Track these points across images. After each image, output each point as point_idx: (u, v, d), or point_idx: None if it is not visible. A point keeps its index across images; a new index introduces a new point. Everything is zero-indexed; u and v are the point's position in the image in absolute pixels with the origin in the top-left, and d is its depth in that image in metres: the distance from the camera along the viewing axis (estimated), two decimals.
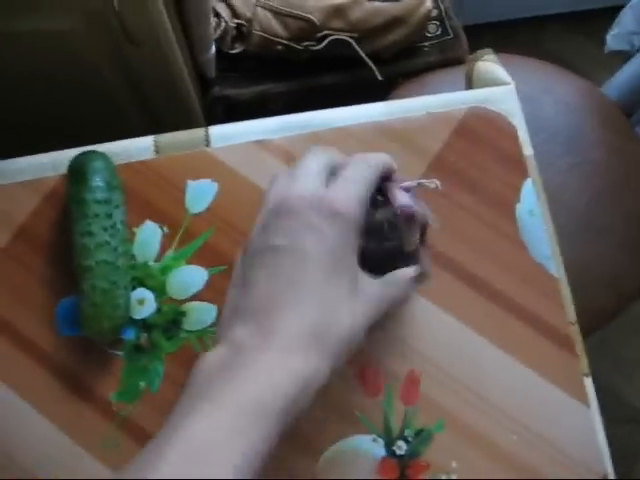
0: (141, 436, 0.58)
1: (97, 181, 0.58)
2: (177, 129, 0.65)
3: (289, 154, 0.63)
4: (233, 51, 0.99)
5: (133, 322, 0.60)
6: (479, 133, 0.65)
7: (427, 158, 0.64)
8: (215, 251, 0.61)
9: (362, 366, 0.59)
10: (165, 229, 0.62)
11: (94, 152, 0.60)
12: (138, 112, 0.92)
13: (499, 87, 0.66)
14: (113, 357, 0.59)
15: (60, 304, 0.61)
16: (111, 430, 0.58)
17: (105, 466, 0.57)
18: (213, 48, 0.93)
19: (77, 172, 0.59)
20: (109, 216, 0.58)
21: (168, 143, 0.64)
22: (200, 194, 0.62)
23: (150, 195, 0.62)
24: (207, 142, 0.64)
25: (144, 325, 0.60)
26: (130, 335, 0.59)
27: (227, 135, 0.64)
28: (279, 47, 0.99)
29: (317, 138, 0.64)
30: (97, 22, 0.75)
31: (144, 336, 0.59)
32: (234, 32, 0.98)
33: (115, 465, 0.57)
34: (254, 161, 0.63)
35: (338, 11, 0.97)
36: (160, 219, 0.62)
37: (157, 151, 0.64)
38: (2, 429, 0.58)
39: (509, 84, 0.67)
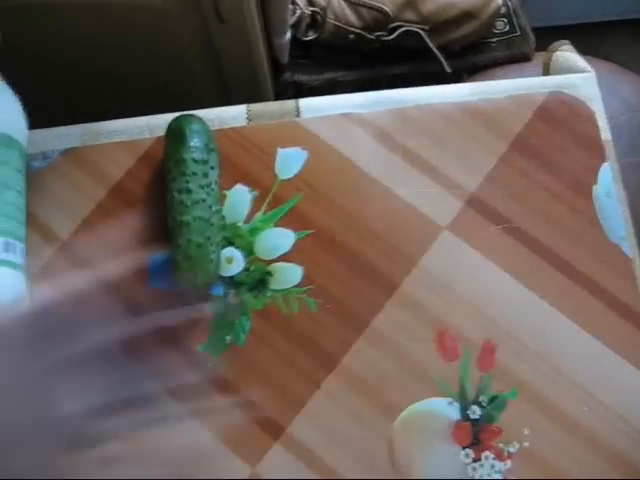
0: (223, 388, 0.60)
1: (195, 142, 0.61)
2: None
3: (377, 128, 0.66)
4: (306, 38, 1.01)
5: (222, 279, 0.62)
6: (559, 116, 0.67)
7: (509, 138, 0.66)
8: (302, 216, 0.64)
9: (441, 331, 0.61)
10: (255, 193, 0.64)
11: (193, 115, 0.63)
12: (213, 88, 0.95)
13: (579, 74, 0.68)
14: (202, 311, 0.62)
15: (152, 257, 0.63)
16: (198, 380, 0.60)
17: (189, 412, 0.59)
18: (289, 33, 0.96)
19: (177, 133, 0.62)
20: (205, 175, 0.61)
21: (260, 112, 0.67)
22: (289, 161, 0.65)
23: (241, 160, 0.65)
24: (297, 113, 0.66)
25: (232, 282, 0.62)
26: (219, 291, 0.62)
27: (317, 107, 0.67)
28: (351, 36, 1.01)
29: (404, 114, 0.66)
30: None
31: (232, 293, 0.62)
32: (308, 19, 1.01)
33: (200, 414, 0.60)
34: (343, 132, 0.66)
35: (411, 3, 1.00)
36: (250, 183, 0.65)
37: (249, 119, 0.66)
38: None
39: (589, 72, 0.69)
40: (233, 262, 0.62)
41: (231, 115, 0.67)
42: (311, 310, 0.61)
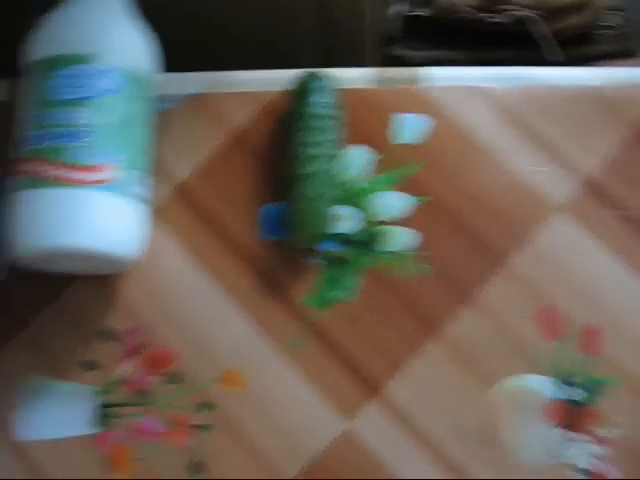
0: (327, 341, 0.61)
1: (319, 97, 0.62)
2: None
3: (502, 103, 0.66)
4: (416, 13, 1.01)
5: (335, 235, 0.63)
6: None
7: (633, 126, 0.66)
8: (421, 182, 0.64)
9: (547, 309, 0.61)
10: (375, 154, 0.65)
11: (319, 72, 0.64)
12: (316, 51, 0.95)
13: None
14: (311, 265, 0.63)
15: (265, 208, 0.64)
16: (299, 330, 0.61)
17: (290, 363, 0.61)
18: (399, 5, 0.96)
19: (303, 88, 0.63)
20: (326, 131, 0.62)
21: (387, 76, 0.67)
22: (412, 127, 0.66)
23: (364, 121, 0.66)
24: (424, 80, 0.67)
25: (345, 240, 0.63)
26: (330, 247, 0.63)
27: (444, 77, 0.67)
28: (462, 15, 1.01)
29: (530, 92, 0.66)
30: None
31: (344, 249, 0.63)
32: None
33: (298, 365, 0.61)
34: (467, 104, 0.66)
35: None
36: (371, 144, 0.65)
37: (377, 82, 0.67)
38: (200, 315, 0.62)
39: None
40: (348, 220, 0.63)
41: (359, 76, 0.67)
42: (420, 275, 0.62)
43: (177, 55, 0.66)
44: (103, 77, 0.58)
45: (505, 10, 0.99)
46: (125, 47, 0.61)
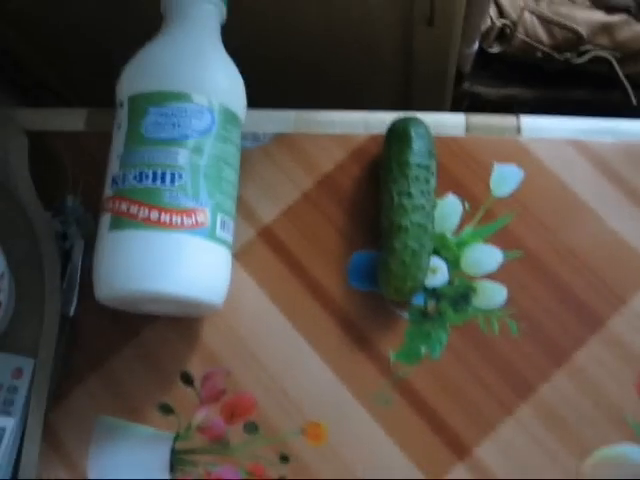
0: (414, 400, 0.59)
1: (420, 146, 0.60)
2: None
3: (599, 157, 0.64)
4: (492, 50, 1.00)
5: (424, 289, 0.61)
6: None
7: None
8: (513, 236, 0.62)
9: None
10: (467, 205, 0.63)
11: (417, 118, 0.62)
12: (395, 87, 0.94)
13: None
14: (399, 318, 0.61)
15: (353, 256, 0.63)
16: (386, 387, 0.60)
17: (374, 420, 0.59)
18: (477, 43, 0.94)
19: (402, 134, 0.61)
20: (427, 181, 0.60)
21: (479, 124, 0.66)
22: (506, 178, 0.64)
23: (456, 170, 0.64)
24: (518, 130, 0.65)
25: (434, 293, 0.61)
26: (419, 300, 0.61)
27: (538, 127, 0.65)
28: (538, 54, 0.99)
29: (629, 147, 0.64)
30: None
31: (432, 303, 0.61)
32: (497, 32, 0.99)
33: (383, 422, 0.59)
34: (563, 157, 0.64)
35: (606, 28, 0.97)
36: (463, 195, 0.64)
37: (467, 129, 0.65)
38: (281, 363, 0.61)
39: None
40: (438, 272, 0.61)
41: (449, 122, 0.66)
42: (512, 333, 0.60)
43: (263, 93, 0.65)
44: (199, 116, 0.57)
45: (580, 50, 0.97)
46: (220, 85, 0.59)
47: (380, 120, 0.65)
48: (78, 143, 0.68)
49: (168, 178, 0.55)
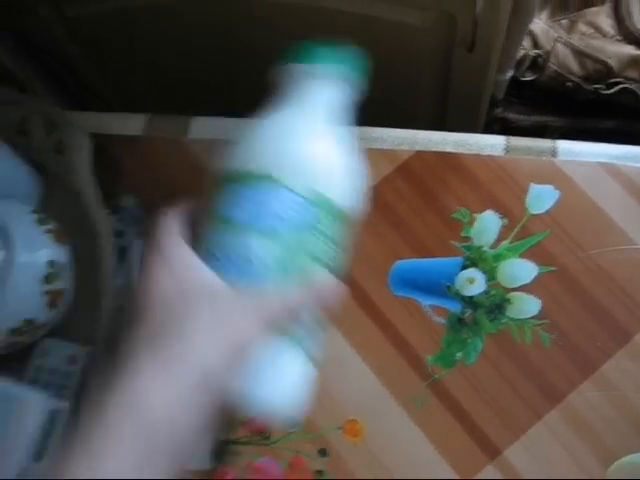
0: (449, 402, 0.63)
1: None
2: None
3: (631, 182, 0.67)
4: (524, 78, 1.04)
5: (461, 297, 0.65)
6: None
7: None
8: (547, 252, 0.66)
9: None
10: (504, 221, 0.67)
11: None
12: (429, 109, 0.98)
13: None
14: (437, 324, 0.64)
15: (396, 266, 0.66)
16: (422, 389, 0.63)
17: (410, 419, 0.62)
18: (511, 71, 0.98)
19: None
20: None
21: (517, 146, 0.70)
22: (541, 197, 0.67)
23: (495, 188, 0.68)
24: (554, 153, 0.69)
25: (470, 302, 0.65)
26: (457, 308, 0.65)
27: (573, 151, 0.69)
28: (569, 84, 1.03)
29: None
30: (446, 22, 0.81)
31: (469, 312, 0.64)
32: (530, 61, 1.04)
33: (418, 422, 0.62)
34: (597, 180, 0.68)
35: (636, 62, 1.01)
36: (501, 211, 0.67)
37: (507, 150, 0.69)
38: (329, 371, 0.64)
39: None
40: (475, 283, 0.65)
41: (489, 143, 0.69)
42: (543, 343, 0.63)
43: None
44: (291, 204, 0.43)
45: (610, 82, 1.01)
46: (330, 180, 0.46)
47: (426, 138, 0.69)
48: (137, 147, 0.72)
49: (243, 267, 0.43)
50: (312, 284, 0.43)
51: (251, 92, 0.79)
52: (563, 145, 0.69)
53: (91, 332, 0.66)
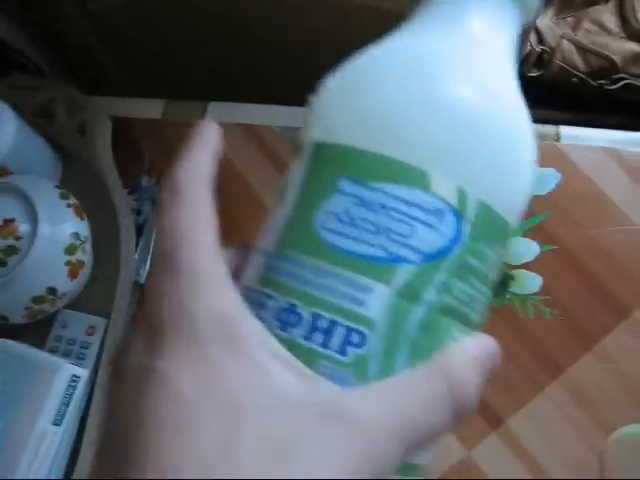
0: None
1: None
2: None
3: (632, 167, 0.70)
4: (530, 74, 1.06)
5: None
6: None
7: None
8: (548, 231, 0.68)
9: None
10: None
11: None
12: None
13: None
14: None
15: None
16: None
17: None
18: (517, 66, 1.01)
19: None
20: None
21: None
22: (544, 180, 0.70)
23: None
24: (557, 137, 0.71)
25: None
26: None
27: (576, 136, 0.72)
28: (574, 79, 1.06)
29: None
30: None
31: None
32: (535, 57, 1.06)
33: None
34: (598, 164, 0.70)
35: (639, 58, 1.04)
36: None
37: None
38: None
39: None
40: None
41: None
42: (545, 318, 0.66)
43: None
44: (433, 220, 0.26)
45: (614, 78, 1.03)
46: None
47: None
48: (155, 129, 0.75)
49: (337, 337, 0.25)
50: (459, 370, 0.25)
51: (266, 82, 0.83)
52: (566, 130, 0.72)
53: (109, 304, 0.68)
